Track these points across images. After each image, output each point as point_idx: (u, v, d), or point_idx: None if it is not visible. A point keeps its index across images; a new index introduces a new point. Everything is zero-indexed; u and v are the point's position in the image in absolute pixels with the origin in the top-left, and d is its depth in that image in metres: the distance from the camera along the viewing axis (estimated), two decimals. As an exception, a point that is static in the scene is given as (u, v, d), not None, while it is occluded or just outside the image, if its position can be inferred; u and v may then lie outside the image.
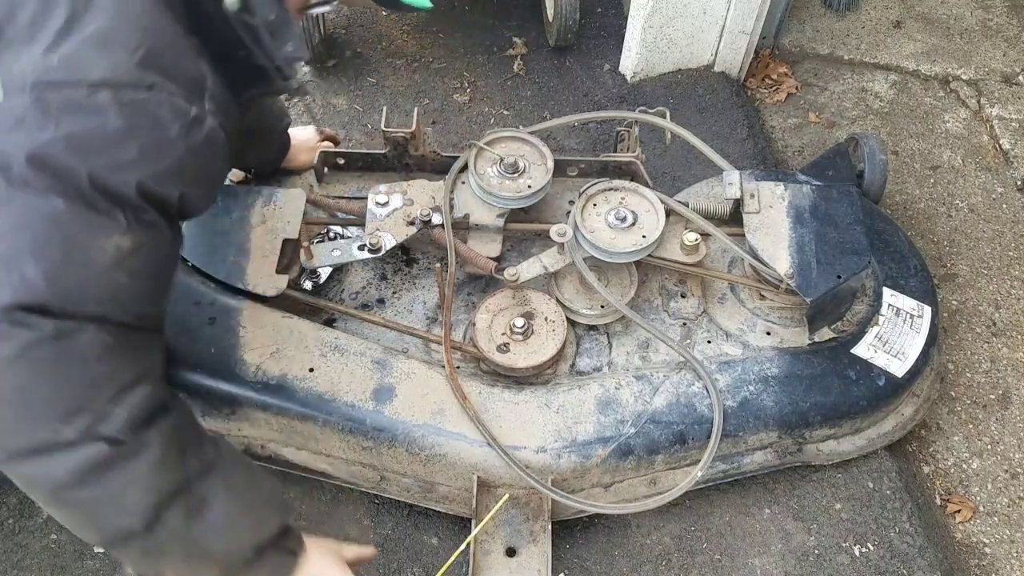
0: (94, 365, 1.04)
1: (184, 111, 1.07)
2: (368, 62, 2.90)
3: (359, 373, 1.74)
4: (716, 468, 1.82)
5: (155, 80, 1.04)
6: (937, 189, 2.61)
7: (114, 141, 1.02)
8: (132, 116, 1.02)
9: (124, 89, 1.02)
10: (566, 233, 1.77)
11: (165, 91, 1.05)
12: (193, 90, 1.09)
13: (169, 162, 1.07)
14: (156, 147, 1.05)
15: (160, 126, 1.05)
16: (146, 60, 1.04)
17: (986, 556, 1.90)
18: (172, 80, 1.06)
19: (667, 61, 2.80)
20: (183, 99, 1.07)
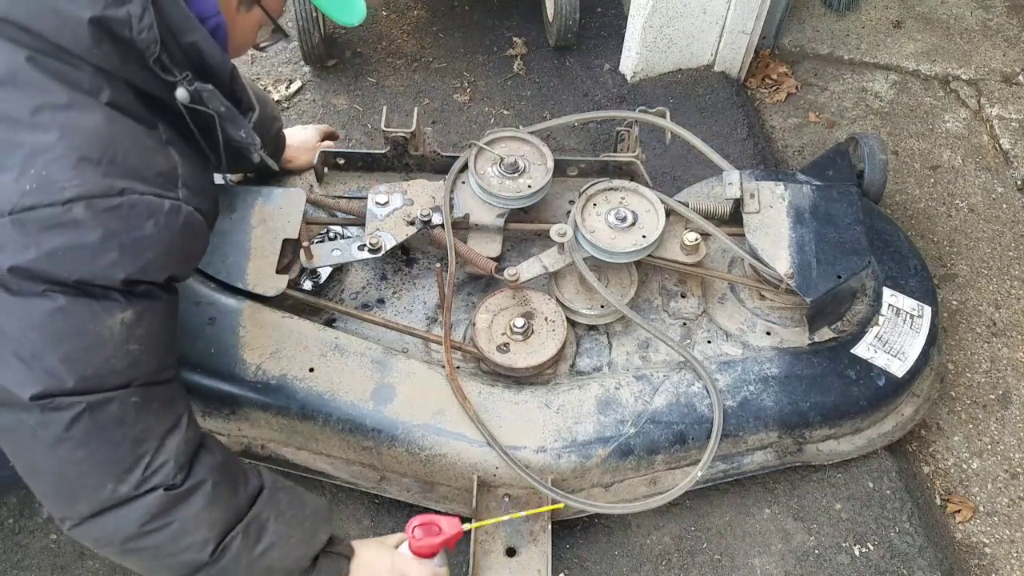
0: (131, 425, 1.15)
1: (158, 206, 1.13)
2: (368, 62, 2.90)
3: (359, 373, 1.74)
4: (716, 468, 1.82)
5: (124, 185, 1.09)
6: (937, 189, 2.61)
7: (94, 250, 1.07)
8: (108, 223, 1.07)
9: (96, 200, 1.06)
10: (566, 233, 1.77)
11: (136, 192, 1.10)
12: (164, 183, 1.15)
13: (150, 256, 1.13)
14: (135, 246, 1.10)
15: (136, 227, 1.10)
16: (112, 168, 1.09)
17: (986, 556, 1.90)
18: (141, 180, 1.12)
19: (667, 61, 2.80)
20: (155, 195, 1.13)
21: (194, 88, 1.18)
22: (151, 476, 1.16)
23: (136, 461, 1.15)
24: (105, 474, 1.14)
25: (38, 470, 1.16)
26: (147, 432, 1.17)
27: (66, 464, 1.13)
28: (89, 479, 1.14)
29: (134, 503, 1.16)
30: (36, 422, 1.10)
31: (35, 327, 1.07)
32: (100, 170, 1.07)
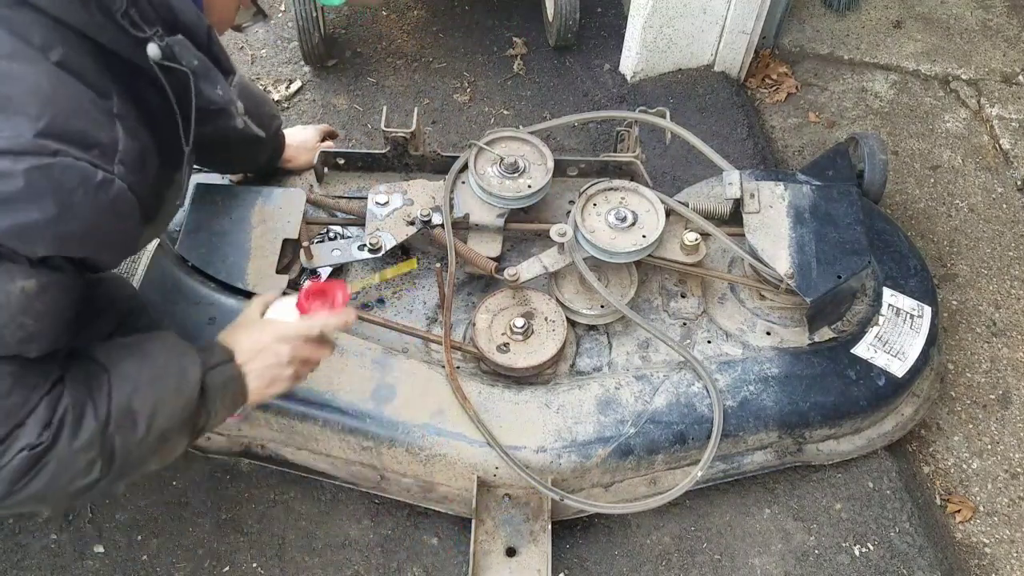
0: (3, 397, 1.10)
1: (90, 175, 1.07)
2: (368, 62, 2.90)
3: (359, 373, 1.74)
4: (716, 468, 1.82)
5: (58, 147, 1.04)
6: (937, 189, 2.61)
7: (15, 204, 1.02)
8: (34, 181, 1.02)
9: (25, 156, 1.02)
10: (566, 233, 1.77)
11: (70, 156, 1.05)
12: (100, 154, 1.09)
13: (73, 227, 1.07)
14: (59, 211, 1.05)
15: (63, 190, 1.05)
16: (49, 128, 1.04)
17: (986, 556, 1.90)
18: (77, 146, 1.06)
19: (667, 61, 2.80)
20: (89, 164, 1.07)
21: (165, 43, 1.12)
22: (14, 443, 1.11)
23: (6, 434, 1.11)
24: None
25: None
26: (19, 405, 1.11)
27: None
28: None
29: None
30: None
31: None
32: (38, 124, 1.03)
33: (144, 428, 1.22)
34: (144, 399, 1.23)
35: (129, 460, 1.22)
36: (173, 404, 1.26)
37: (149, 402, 1.23)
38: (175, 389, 1.27)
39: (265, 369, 1.37)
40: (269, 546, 1.79)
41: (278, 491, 1.86)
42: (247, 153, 1.94)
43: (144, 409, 1.22)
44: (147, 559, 1.76)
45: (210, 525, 1.81)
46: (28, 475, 1.12)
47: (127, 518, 1.81)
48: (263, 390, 1.39)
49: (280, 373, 1.39)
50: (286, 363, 1.39)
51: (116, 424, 1.19)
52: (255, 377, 1.37)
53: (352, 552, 1.78)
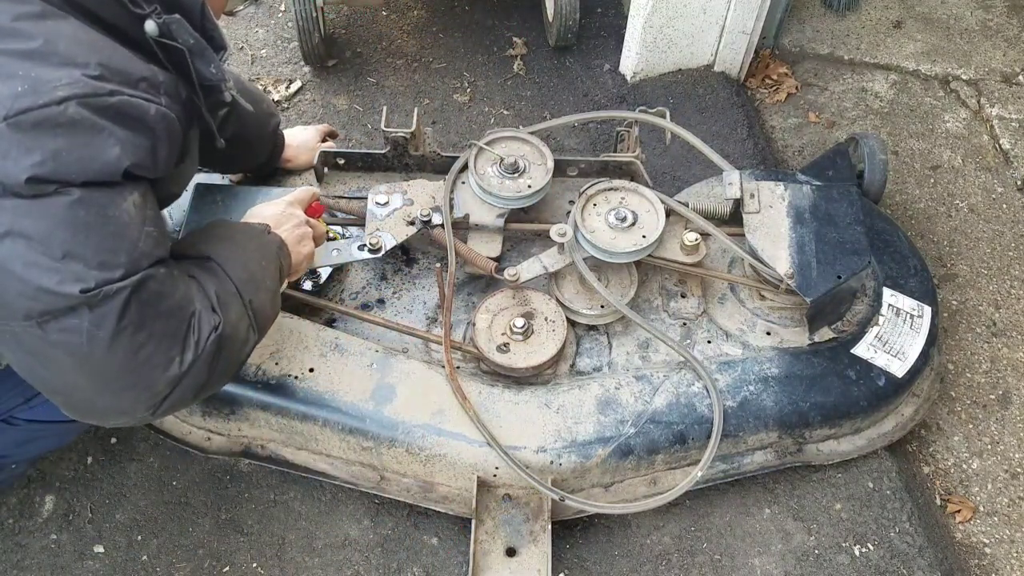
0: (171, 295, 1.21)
1: (146, 109, 1.15)
2: (368, 62, 2.90)
3: (359, 373, 1.74)
4: (716, 468, 1.82)
5: (112, 87, 1.11)
6: (937, 189, 2.61)
7: (94, 149, 1.09)
8: (104, 122, 1.10)
9: (89, 99, 1.08)
10: (566, 233, 1.77)
11: (125, 94, 1.13)
12: (148, 87, 1.17)
13: (143, 154, 1.16)
14: (131, 140, 1.13)
15: (129, 125, 1.13)
16: (100, 70, 1.11)
17: (986, 556, 1.90)
18: (127, 83, 1.14)
19: (667, 61, 2.80)
20: (142, 99, 1.15)
21: (163, 20, 1.19)
22: (201, 331, 1.24)
23: (188, 324, 1.23)
24: (170, 346, 1.20)
25: (103, 373, 1.17)
26: (184, 296, 1.24)
27: (131, 354, 1.16)
28: (157, 358, 1.19)
29: (199, 360, 1.24)
30: (90, 322, 1.11)
31: (60, 224, 1.08)
32: (88, 70, 1.09)
33: (264, 289, 1.42)
34: (251, 268, 1.40)
35: (264, 318, 1.42)
36: (269, 266, 1.46)
37: (257, 269, 1.42)
38: (264, 255, 1.46)
39: (293, 228, 1.59)
40: (269, 546, 1.79)
41: (278, 491, 1.86)
42: (246, 150, 1.94)
43: (258, 273, 1.41)
44: (147, 559, 1.76)
45: (210, 525, 1.81)
46: (218, 355, 1.27)
47: (127, 518, 1.81)
48: (297, 247, 1.59)
49: (304, 231, 1.62)
50: (304, 222, 1.63)
51: (246, 291, 1.37)
52: (288, 235, 1.57)
53: (352, 552, 1.78)
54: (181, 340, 1.22)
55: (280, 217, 1.58)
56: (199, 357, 1.23)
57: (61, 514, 1.80)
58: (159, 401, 1.23)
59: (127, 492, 1.84)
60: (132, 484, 1.85)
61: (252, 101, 1.85)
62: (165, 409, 1.25)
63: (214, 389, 1.35)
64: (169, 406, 1.25)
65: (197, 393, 1.29)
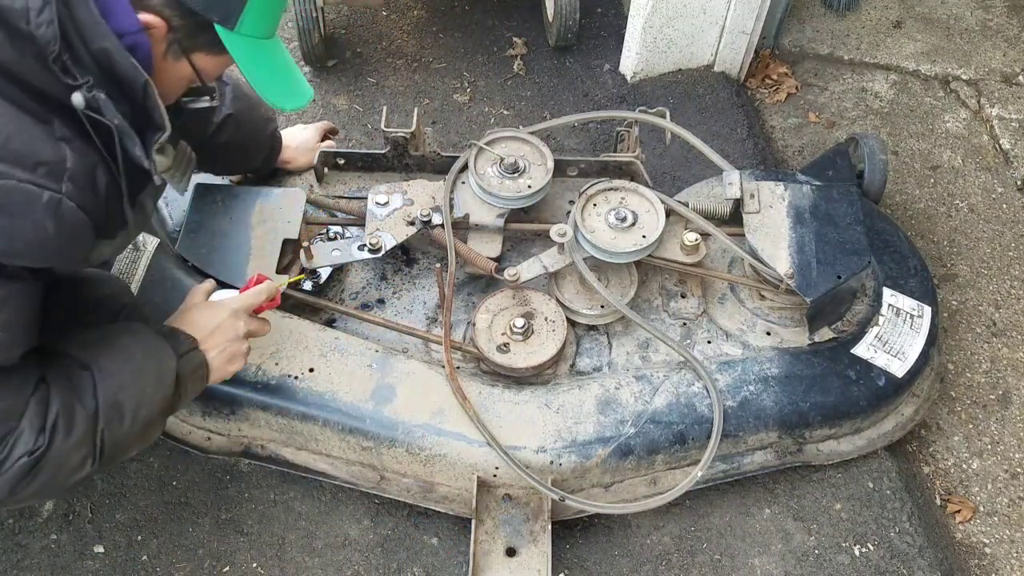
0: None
1: (35, 196, 1.08)
2: (368, 62, 2.90)
3: (359, 373, 1.74)
4: (716, 468, 1.82)
5: (3, 168, 1.05)
6: (937, 189, 2.61)
7: None
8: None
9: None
10: (566, 233, 1.77)
11: (13, 178, 1.06)
12: (47, 173, 1.10)
13: (20, 245, 1.09)
14: (5, 231, 1.06)
15: (7, 212, 1.06)
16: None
17: (986, 556, 1.90)
18: (20, 166, 1.07)
19: (667, 61, 2.80)
20: (34, 184, 1.08)
21: (92, 95, 1.12)
22: (12, 451, 1.16)
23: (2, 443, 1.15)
24: None
25: None
26: (8, 411, 1.16)
27: None
28: None
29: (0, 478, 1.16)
30: None
31: None
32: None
33: (130, 420, 1.29)
34: (129, 393, 1.29)
35: (117, 450, 1.30)
36: (154, 395, 1.33)
37: (134, 395, 1.29)
38: (156, 381, 1.33)
39: (226, 345, 1.45)
40: (269, 546, 1.79)
41: (278, 491, 1.86)
42: (242, 154, 1.94)
43: (130, 402, 1.29)
44: (147, 559, 1.76)
45: (210, 525, 1.81)
46: (28, 477, 1.18)
47: (127, 518, 1.81)
48: (224, 367, 1.47)
49: (238, 348, 1.48)
50: (241, 337, 1.48)
51: (105, 419, 1.26)
52: (216, 355, 1.45)
53: (352, 552, 1.78)
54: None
55: (216, 331, 1.44)
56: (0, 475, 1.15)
57: (61, 514, 1.80)
58: None
59: (127, 492, 1.84)
60: (132, 484, 1.85)
61: (249, 106, 1.85)
62: None
63: (22, 504, 1.28)
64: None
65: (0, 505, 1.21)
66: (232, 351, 1.47)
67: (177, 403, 1.40)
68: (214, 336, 1.44)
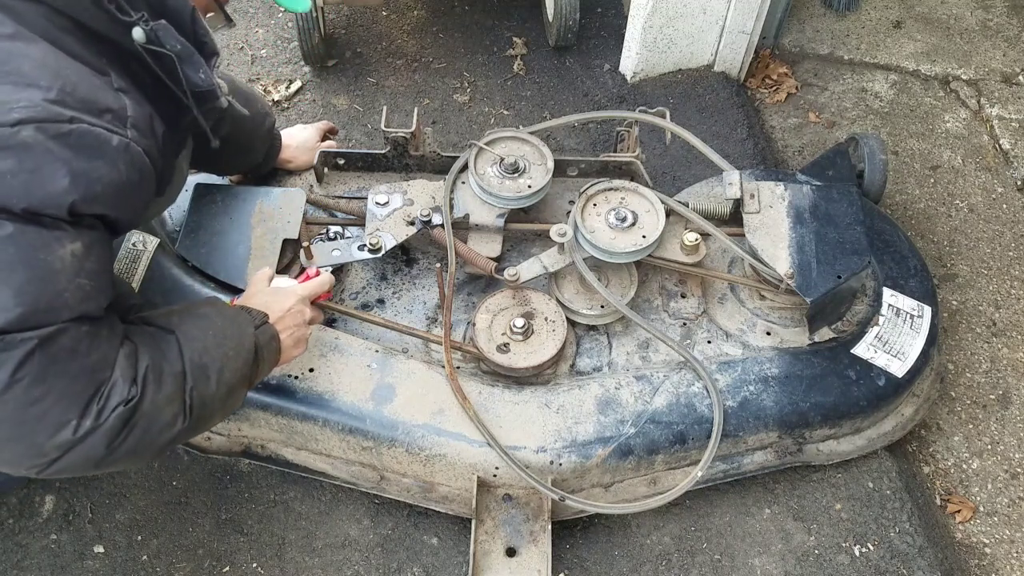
0: (85, 355, 1.14)
1: (106, 139, 1.11)
2: (368, 62, 2.90)
3: (359, 373, 1.74)
4: (716, 468, 1.82)
5: (73, 113, 1.08)
6: (937, 189, 2.61)
7: (43, 175, 1.06)
8: (57, 149, 1.06)
9: (46, 124, 1.05)
10: (566, 233, 1.77)
11: (85, 122, 1.09)
12: (113, 119, 1.14)
13: (98, 188, 1.11)
14: (85, 175, 1.09)
15: (85, 155, 1.09)
16: (61, 96, 1.08)
17: (986, 556, 1.90)
18: (89, 112, 1.10)
19: (667, 61, 2.80)
20: (104, 128, 1.11)
21: (150, 28, 1.16)
22: (108, 400, 1.16)
23: (95, 390, 1.15)
24: (67, 409, 1.12)
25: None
26: (101, 360, 1.16)
27: (22, 407, 1.09)
28: (50, 417, 1.11)
29: (97, 431, 1.15)
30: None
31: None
32: (50, 95, 1.06)
33: (215, 381, 1.32)
34: (212, 356, 1.32)
35: (204, 412, 1.31)
36: (235, 359, 1.36)
37: (217, 359, 1.33)
38: (236, 346, 1.37)
39: (294, 328, 1.52)
40: (269, 546, 1.79)
41: (278, 491, 1.86)
42: (241, 152, 1.94)
43: (214, 365, 1.32)
44: (147, 559, 1.76)
45: (210, 525, 1.81)
46: (123, 432, 1.18)
47: (127, 518, 1.81)
48: (291, 349, 1.52)
49: (303, 333, 1.55)
50: (306, 323, 1.55)
51: (192, 378, 1.28)
52: (287, 337, 1.50)
53: (352, 552, 1.78)
54: (82, 405, 1.13)
55: (287, 314, 1.51)
56: (97, 427, 1.14)
57: (61, 514, 1.80)
58: (46, 464, 1.15)
59: (127, 492, 1.84)
60: (132, 484, 1.85)
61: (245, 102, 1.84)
62: (52, 473, 1.16)
63: (119, 466, 1.25)
64: (57, 471, 1.16)
65: (94, 466, 1.19)
66: (298, 335, 1.53)
67: (256, 374, 1.44)
68: (284, 319, 1.50)
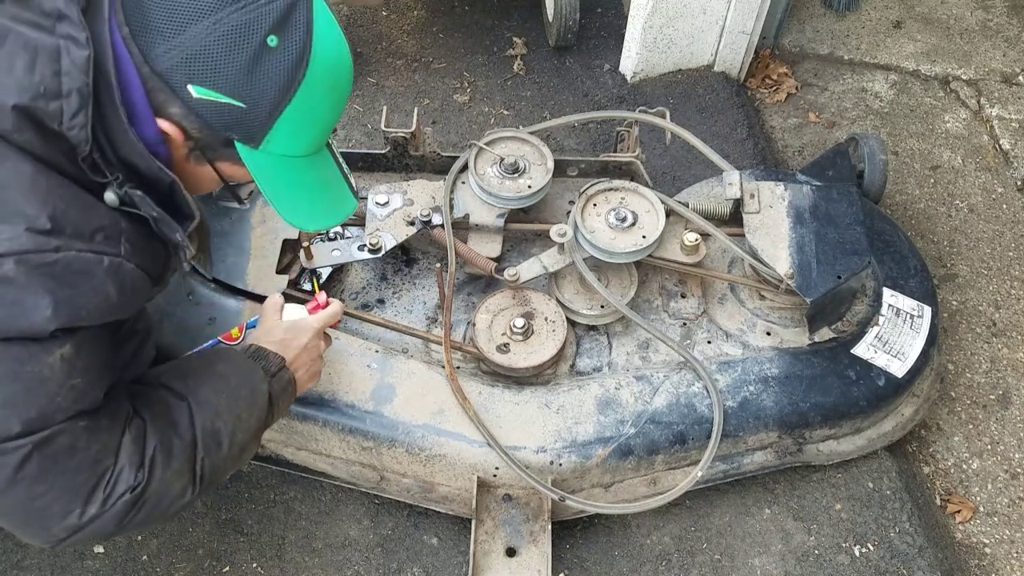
0: (85, 449, 1.14)
1: (95, 263, 1.09)
2: (368, 62, 2.89)
3: (359, 373, 1.74)
4: (716, 468, 1.82)
5: (59, 242, 1.05)
6: (937, 189, 2.61)
7: (24, 307, 1.03)
8: (40, 280, 1.04)
9: (29, 255, 1.03)
10: (566, 233, 1.77)
11: (73, 249, 1.06)
12: (105, 239, 1.10)
13: (84, 312, 1.09)
14: (69, 303, 1.07)
15: (70, 283, 1.06)
16: (49, 225, 1.04)
17: (986, 556, 1.90)
18: (79, 237, 1.07)
19: (667, 61, 2.80)
20: (93, 252, 1.08)
21: (124, 192, 1.12)
22: (114, 488, 1.17)
23: (98, 480, 1.15)
24: (70, 500, 1.14)
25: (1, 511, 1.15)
26: (102, 451, 1.16)
27: (26, 501, 1.12)
28: (55, 508, 1.14)
29: (104, 515, 1.16)
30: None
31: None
32: (37, 223, 1.03)
33: (228, 444, 1.30)
34: (225, 420, 1.30)
35: (216, 475, 1.31)
36: (249, 418, 1.35)
37: (230, 422, 1.31)
38: (250, 405, 1.35)
39: (310, 364, 1.52)
40: (269, 546, 1.79)
41: (278, 491, 1.86)
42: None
43: (226, 428, 1.30)
44: (147, 559, 1.76)
45: (210, 525, 1.81)
46: (132, 512, 1.19)
47: (127, 518, 1.81)
48: (307, 383, 1.53)
49: (319, 366, 1.55)
50: (319, 355, 1.55)
51: (204, 448, 1.27)
52: (303, 374, 1.50)
53: (352, 552, 1.78)
54: (85, 495, 1.15)
55: (303, 351, 1.49)
56: (104, 512, 1.16)
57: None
58: (58, 541, 1.18)
59: (127, 492, 1.84)
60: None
61: None
62: (69, 546, 1.19)
63: (134, 532, 1.28)
64: (72, 544, 1.21)
65: (106, 538, 1.22)
66: (315, 369, 1.54)
67: (270, 421, 1.42)
68: (301, 356, 1.48)
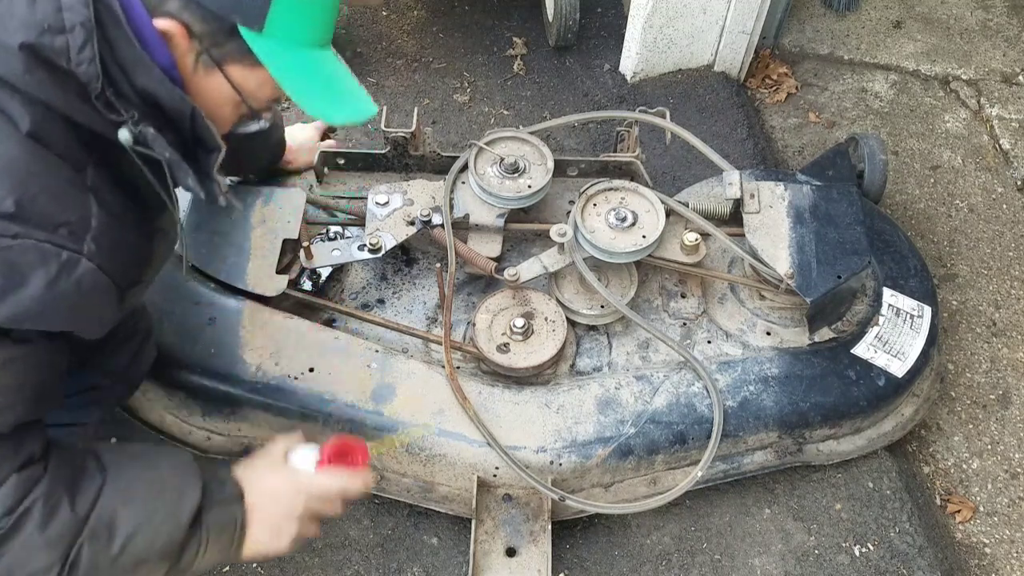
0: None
1: (52, 255, 1.03)
2: (368, 62, 2.89)
3: (359, 373, 1.74)
4: (716, 468, 1.82)
5: (20, 229, 1.00)
6: (937, 189, 2.61)
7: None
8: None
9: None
10: (566, 233, 1.77)
11: (32, 238, 1.01)
12: (69, 233, 1.05)
13: (27, 307, 1.02)
14: (15, 293, 1.01)
15: (18, 273, 1.01)
16: (13, 210, 1.00)
17: (986, 556, 1.90)
18: (41, 228, 1.02)
19: (667, 61, 2.80)
20: (52, 244, 1.03)
21: (139, 130, 1.06)
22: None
23: None
24: None
25: None
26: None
27: None
28: None
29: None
30: None
31: None
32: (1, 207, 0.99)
33: (119, 546, 1.13)
34: (129, 515, 1.14)
35: (90, 573, 1.12)
36: (158, 529, 1.17)
37: (133, 520, 1.14)
38: (165, 513, 1.18)
39: (275, 518, 1.29)
40: (269, 546, 1.78)
41: (278, 491, 1.85)
42: (249, 159, 1.93)
43: (125, 526, 1.14)
44: (147, 559, 1.76)
45: (210, 525, 1.81)
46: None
47: (127, 518, 1.81)
48: (263, 540, 1.28)
49: (288, 527, 1.30)
50: (296, 517, 1.30)
51: (90, 532, 1.11)
52: (260, 523, 1.27)
53: (352, 552, 1.78)
54: None
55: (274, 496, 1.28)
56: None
57: None
58: None
59: (127, 492, 1.84)
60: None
61: None
62: None
63: None
64: None
65: None
66: (280, 528, 1.29)
67: (189, 556, 1.21)
68: (268, 503, 1.28)
